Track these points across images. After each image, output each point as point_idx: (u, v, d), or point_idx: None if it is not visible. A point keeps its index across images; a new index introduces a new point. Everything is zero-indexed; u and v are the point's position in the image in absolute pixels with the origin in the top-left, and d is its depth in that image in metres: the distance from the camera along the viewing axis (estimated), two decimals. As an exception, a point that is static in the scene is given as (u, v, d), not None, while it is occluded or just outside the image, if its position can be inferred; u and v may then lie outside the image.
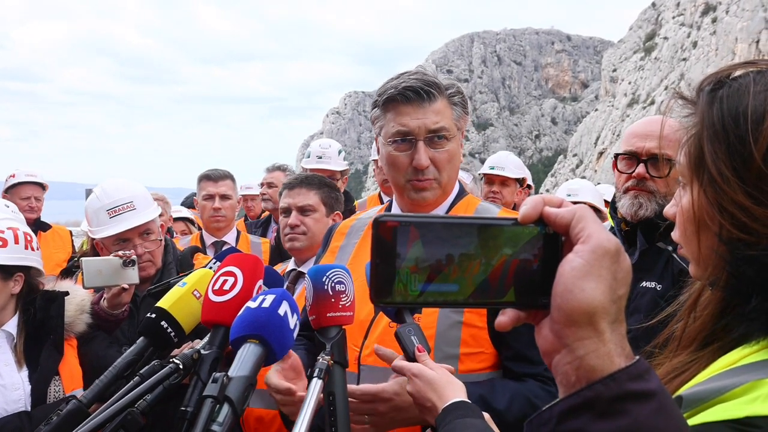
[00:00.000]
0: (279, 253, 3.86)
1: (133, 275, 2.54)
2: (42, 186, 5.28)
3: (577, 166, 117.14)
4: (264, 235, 4.61)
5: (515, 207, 4.25)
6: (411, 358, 1.36)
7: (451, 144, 1.79)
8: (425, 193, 1.80)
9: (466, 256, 0.65)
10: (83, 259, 2.56)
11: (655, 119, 2.45)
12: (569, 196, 4.43)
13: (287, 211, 2.92)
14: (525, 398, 1.63)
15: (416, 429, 1.59)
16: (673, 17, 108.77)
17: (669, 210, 0.99)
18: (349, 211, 3.48)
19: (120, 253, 2.55)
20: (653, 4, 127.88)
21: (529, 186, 4.39)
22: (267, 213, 5.07)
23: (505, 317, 0.67)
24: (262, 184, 4.93)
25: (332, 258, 1.95)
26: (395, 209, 1.93)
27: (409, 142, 1.76)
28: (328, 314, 1.33)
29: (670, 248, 2.27)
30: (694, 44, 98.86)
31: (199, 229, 4.66)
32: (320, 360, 1.26)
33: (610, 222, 2.53)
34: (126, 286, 2.53)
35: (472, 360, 1.69)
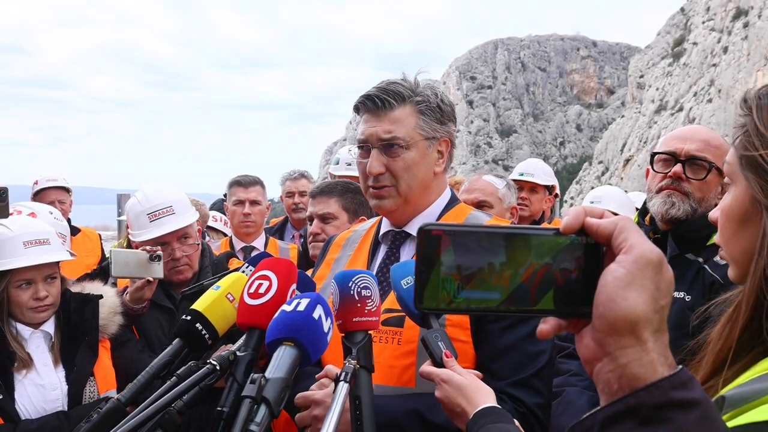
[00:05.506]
0: (307, 259, 3.89)
1: (158, 270, 2.60)
2: (65, 189, 5.27)
3: (603, 174, 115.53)
4: (281, 239, 4.61)
5: (543, 215, 4.21)
6: (438, 363, 1.37)
7: (410, 152, 1.76)
8: (382, 201, 1.80)
9: (506, 265, 0.66)
10: (112, 249, 2.63)
11: (698, 127, 2.45)
12: (592, 203, 4.35)
13: (312, 220, 3.02)
14: None
15: None
16: (703, 22, 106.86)
17: (714, 214, 1.00)
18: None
19: (147, 247, 2.61)
20: (682, 9, 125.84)
21: (556, 195, 4.34)
22: (283, 218, 4.99)
23: (547, 325, 0.69)
24: (291, 194, 4.66)
25: (327, 270, 1.98)
26: (385, 220, 1.94)
27: (367, 149, 1.80)
28: (354, 319, 1.35)
29: (700, 259, 2.22)
30: (725, 49, 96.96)
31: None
32: (347, 364, 1.27)
33: None
34: (150, 279, 2.59)
35: None
